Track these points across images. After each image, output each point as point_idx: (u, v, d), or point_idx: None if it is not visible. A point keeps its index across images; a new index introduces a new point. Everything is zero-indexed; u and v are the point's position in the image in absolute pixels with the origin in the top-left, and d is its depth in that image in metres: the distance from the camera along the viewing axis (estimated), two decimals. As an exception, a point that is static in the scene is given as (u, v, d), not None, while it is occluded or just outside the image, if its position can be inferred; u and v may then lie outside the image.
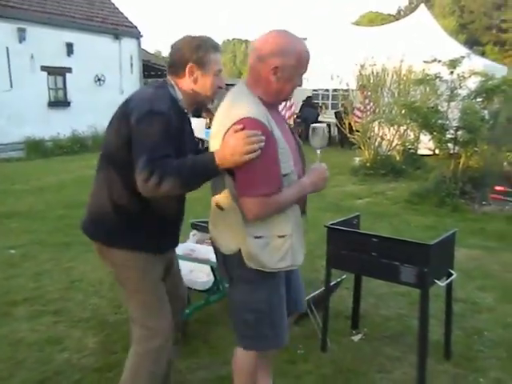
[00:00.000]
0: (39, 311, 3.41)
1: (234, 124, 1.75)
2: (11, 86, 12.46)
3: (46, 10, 13.55)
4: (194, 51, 1.93)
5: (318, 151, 2.07)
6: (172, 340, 2.14)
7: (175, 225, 2.15)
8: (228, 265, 1.97)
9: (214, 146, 1.83)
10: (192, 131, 2.15)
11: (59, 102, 13.95)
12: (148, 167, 1.71)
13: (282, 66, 1.81)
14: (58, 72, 13.80)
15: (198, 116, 2.18)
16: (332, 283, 3.02)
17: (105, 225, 2.01)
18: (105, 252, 2.07)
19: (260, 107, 1.82)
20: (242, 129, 1.73)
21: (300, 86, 1.93)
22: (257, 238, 1.85)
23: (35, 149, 11.89)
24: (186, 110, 2.01)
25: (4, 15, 12.24)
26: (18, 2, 12.91)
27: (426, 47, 9.01)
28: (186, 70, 1.94)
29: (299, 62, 1.84)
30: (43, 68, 13.32)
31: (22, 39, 12.64)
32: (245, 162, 1.73)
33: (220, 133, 1.81)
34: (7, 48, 12.32)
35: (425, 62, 6.98)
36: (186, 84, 1.97)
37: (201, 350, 2.90)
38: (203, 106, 2.13)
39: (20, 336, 3.07)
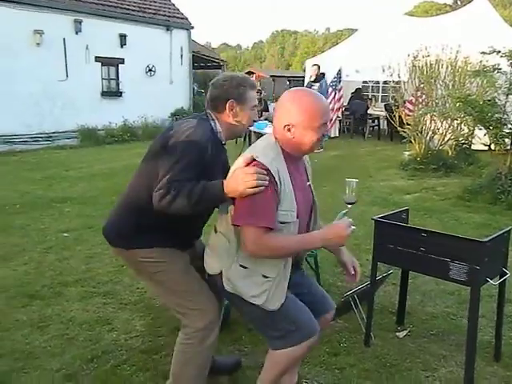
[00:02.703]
0: (90, 292, 3.55)
1: (244, 162, 1.89)
2: (67, 76, 12.92)
3: (101, 1, 13.94)
4: (235, 88, 2.11)
5: (349, 206, 2.05)
6: (219, 321, 2.20)
7: (197, 230, 2.27)
8: (214, 285, 2.09)
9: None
10: (227, 161, 2.30)
11: (112, 92, 14.34)
12: (167, 186, 1.88)
13: (291, 122, 1.92)
14: (111, 63, 14.18)
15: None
16: (378, 277, 2.97)
17: (127, 230, 2.15)
18: (127, 254, 2.19)
19: (273, 156, 1.92)
20: (248, 164, 1.86)
21: (324, 135, 1.98)
22: (241, 266, 1.95)
23: (88, 137, 12.27)
24: (223, 142, 2.17)
25: (62, 7, 12.68)
26: (76, -6, 13.34)
27: (485, 38, 8.62)
28: (227, 106, 2.11)
29: (308, 115, 1.91)
30: (97, 59, 13.72)
31: (78, 31, 13.05)
32: (246, 195, 1.83)
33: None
34: (64, 39, 12.77)
35: (482, 53, 6.68)
36: (226, 118, 2.14)
37: (244, 337, 2.93)
38: (239, 137, 2.35)
39: (71, 315, 3.20)
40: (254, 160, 1.87)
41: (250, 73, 21.08)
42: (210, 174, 1.97)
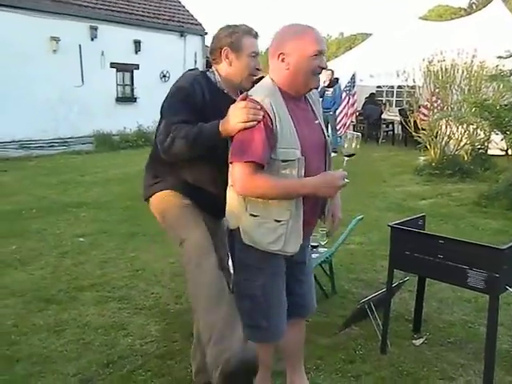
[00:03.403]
0: (105, 297, 3.56)
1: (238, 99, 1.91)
2: (82, 82, 13.06)
3: (117, 8, 14.10)
4: (228, 36, 2.11)
5: (346, 159, 2.03)
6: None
7: (210, 195, 2.20)
8: (232, 242, 2.06)
9: None
10: None
11: (126, 98, 14.46)
12: (164, 130, 1.96)
13: (285, 51, 1.89)
14: (125, 69, 14.31)
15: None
16: (394, 284, 2.94)
17: (146, 185, 2.33)
18: (150, 203, 2.30)
19: (267, 93, 1.90)
20: (244, 99, 1.86)
21: (323, 68, 1.93)
22: (252, 215, 1.93)
23: (103, 142, 12.36)
24: (226, 91, 2.15)
25: (78, 14, 12.85)
26: (92, 1, 13.52)
27: (501, 42, 8.54)
28: (222, 55, 2.12)
29: (302, 41, 1.88)
30: (112, 65, 13.85)
31: (93, 37, 13.21)
32: (240, 130, 1.84)
33: None
34: (80, 45, 12.92)
35: (499, 57, 6.62)
36: (224, 68, 2.15)
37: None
38: (243, 88, 2.22)
39: (87, 320, 3.22)
40: (247, 97, 1.87)
41: (262, 78, 21.08)
42: (204, 120, 1.98)
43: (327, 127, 11.16)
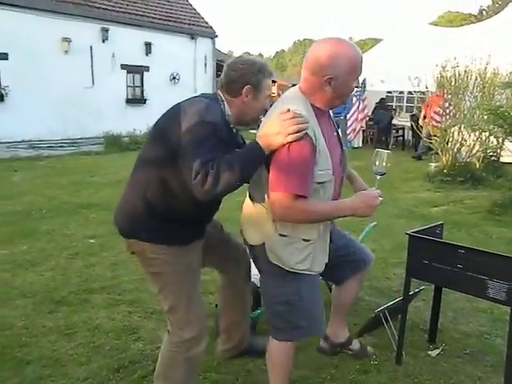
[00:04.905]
0: (115, 300, 3.53)
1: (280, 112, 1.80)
2: (93, 83, 13.13)
3: (128, 10, 14.17)
4: (255, 74, 2.00)
5: (378, 177, 1.98)
6: (205, 334, 2.19)
7: (205, 220, 2.23)
8: (255, 256, 2.07)
9: None
10: (242, 145, 2.19)
11: (136, 100, 14.53)
12: (203, 170, 1.75)
13: (335, 75, 1.82)
14: (136, 70, 14.39)
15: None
16: (410, 293, 2.89)
17: (138, 222, 2.10)
18: (135, 247, 2.16)
19: (307, 111, 1.84)
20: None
21: (356, 87, 1.94)
22: (281, 235, 1.91)
23: (113, 143, 12.36)
24: (232, 125, 2.07)
25: (90, 16, 12.91)
26: (103, 3, 13.59)
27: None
28: (243, 91, 2.00)
29: (351, 68, 1.85)
30: (123, 66, 13.94)
31: (105, 39, 13.29)
32: (282, 159, 1.77)
33: None
34: (91, 47, 13.00)
35: (514, 64, 6.56)
36: (238, 103, 2.03)
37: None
38: (248, 126, 2.21)
39: (97, 323, 3.19)
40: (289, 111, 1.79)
41: (272, 82, 21.13)
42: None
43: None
